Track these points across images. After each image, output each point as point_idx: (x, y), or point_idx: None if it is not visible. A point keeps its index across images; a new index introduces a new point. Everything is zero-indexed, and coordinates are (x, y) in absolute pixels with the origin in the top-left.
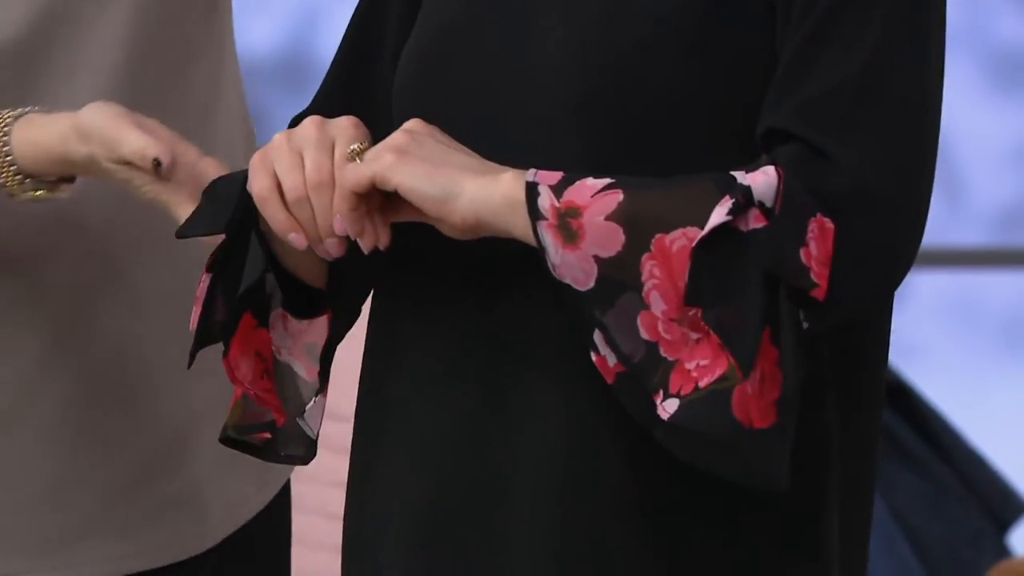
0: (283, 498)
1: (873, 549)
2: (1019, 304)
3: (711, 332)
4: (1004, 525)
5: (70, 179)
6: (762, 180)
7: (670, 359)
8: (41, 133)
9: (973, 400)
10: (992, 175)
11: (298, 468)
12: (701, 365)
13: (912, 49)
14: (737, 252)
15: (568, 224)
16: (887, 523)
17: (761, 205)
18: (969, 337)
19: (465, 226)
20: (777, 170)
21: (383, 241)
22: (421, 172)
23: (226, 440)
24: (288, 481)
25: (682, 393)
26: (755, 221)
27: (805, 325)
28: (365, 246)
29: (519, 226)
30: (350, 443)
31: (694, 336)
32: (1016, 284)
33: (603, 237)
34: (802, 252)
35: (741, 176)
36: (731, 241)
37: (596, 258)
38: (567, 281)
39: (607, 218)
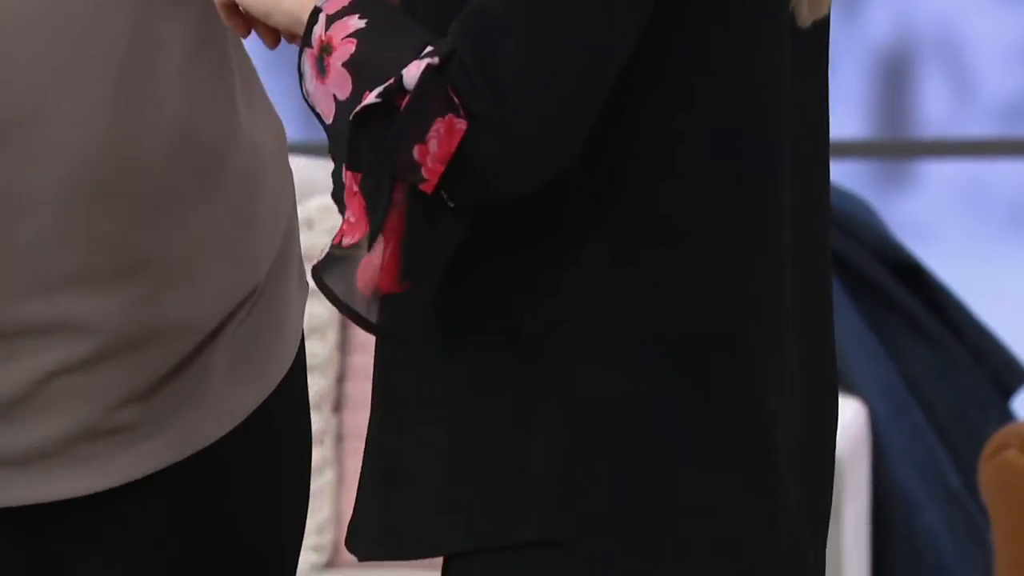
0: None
1: (887, 414)
2: (1023, 190)
3: (360, 195)
4: (1009, 392)
5: None
6: (413, 71)
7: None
8: None
9: (980, 278)
10: (999, 71)
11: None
12: (351, 221)
13: None
14: (386, 127)
15: (323, 59)
16: (901, 390)
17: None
18: (977, 221)
19: (288, 37)
20: (428, 65)
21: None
22: None
23: None
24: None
25: (334, 242)
26: (404, 107)
27: (451, 203)
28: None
29: None
30: None
31: (355, 189)
32: (1021, 172)
33: (339, 81)
34: (416, 149)
35: (427, 52)
36: (385, 117)
37: (335, 97)
38: (319, 110)
39: (343, 64)
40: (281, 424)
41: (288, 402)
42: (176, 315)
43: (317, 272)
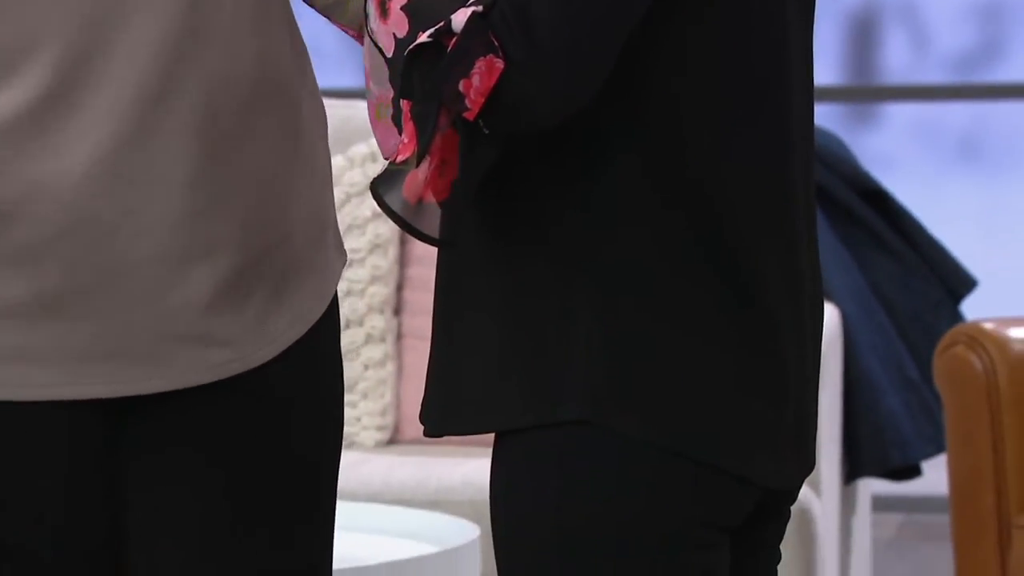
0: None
1: (857, 315)
2: (970, 129)
3: (411, 119)
4: (958, 297)
5: None
6: (460, 17)
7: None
8: None
9: (934, 201)
10: (950, 29)
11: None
12: (404, 141)
13: None
14: (435, 63)
15: (385, 3)
16: (867, 296)
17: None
18: (931, 154)
19: None
20: (474, 12)
21: None
22: None
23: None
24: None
25: (391, 160)
26: (452, 46)
27: (486, 130)
28: None
29: None
30: None
31: (409, 115)
32: (968, 113)
33: (399, 21)
34: (462, 83)
35: (472, 1)
36: (434, 54)
37: (394, 36)
38: (380, 45)
39: (402, 8)
40: (318, 357)
41: (323, 338)
42: (224, 239)
43: (374, 184)
